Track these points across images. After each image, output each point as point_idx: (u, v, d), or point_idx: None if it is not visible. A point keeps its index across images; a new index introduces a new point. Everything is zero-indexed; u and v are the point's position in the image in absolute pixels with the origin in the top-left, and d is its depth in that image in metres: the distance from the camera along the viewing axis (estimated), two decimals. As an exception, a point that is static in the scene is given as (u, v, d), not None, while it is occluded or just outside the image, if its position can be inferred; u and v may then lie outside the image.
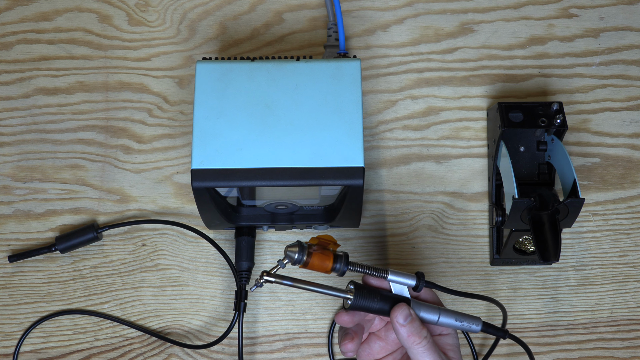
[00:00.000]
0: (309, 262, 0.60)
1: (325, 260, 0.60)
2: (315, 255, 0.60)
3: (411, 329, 0.59)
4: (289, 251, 0.60)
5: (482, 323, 0.63)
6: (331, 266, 0.60)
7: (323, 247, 0.61)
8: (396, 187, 0.81)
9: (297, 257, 0.60)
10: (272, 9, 0.85)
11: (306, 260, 0.60)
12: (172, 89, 0.83)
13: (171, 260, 0.80)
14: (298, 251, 0.60)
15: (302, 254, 0.60)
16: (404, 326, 0.59)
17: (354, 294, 0.60)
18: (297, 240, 0.60)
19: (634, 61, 0.84)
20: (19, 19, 0.85)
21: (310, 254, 0.60)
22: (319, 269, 0.60)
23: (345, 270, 0.61)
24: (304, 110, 0.68)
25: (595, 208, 0.81)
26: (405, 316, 0.60)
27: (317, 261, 0.60)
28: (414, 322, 0.60)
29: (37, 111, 0.83)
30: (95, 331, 0.78)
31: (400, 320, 0.60)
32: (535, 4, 0.85)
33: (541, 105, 0.75)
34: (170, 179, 0.81)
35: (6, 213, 0.80)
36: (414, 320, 0.60)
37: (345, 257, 0.61)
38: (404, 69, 0.84)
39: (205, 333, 0.78)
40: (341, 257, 0.61)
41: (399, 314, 0.60)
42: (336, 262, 0.61)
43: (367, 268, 0.62)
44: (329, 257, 0.60)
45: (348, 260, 0.61)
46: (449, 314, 0.62)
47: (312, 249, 0.60)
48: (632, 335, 0.78)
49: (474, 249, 0.80)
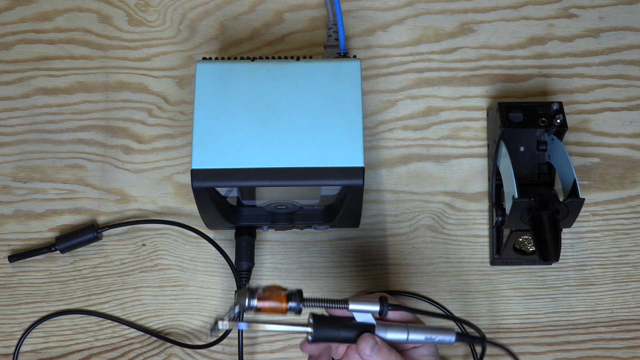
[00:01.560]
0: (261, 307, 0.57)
1: (278, 300, 0.58)
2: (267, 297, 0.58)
3: (379, 358, 0.58)
4: (239, 297, 0.58)
5: (456, 334, 0.60)
6: (286, 306, 0.58)
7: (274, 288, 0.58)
8: (396, 187, 0.81)
9: (248, 303, 0.57)
10: (272, 9, 0.85)
11: (258, 305, 0.57)
12: (172, 89, 0.83)
13: (171, 260, 0.80)
14: (248, 296, 0.57)
15: (252, 298, 0.57)
16: (372, 357, 0.58)
17: (314, 327, 0.58)
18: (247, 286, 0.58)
19: (634, 61, 0.84)
20: (19, 19, 0.85)
21: (261, 297, 0.57)
22: (274, 311, 0.58)
23: (301, 308, 0.58)
24: (304, 110, 0.68)
25: (595, 208, 0.81)
26: (371, 347, 0.58)
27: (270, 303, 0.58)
28: (381, 351, 0.58)
29: (37, 111, 0.83)
30: (95, 331, 0.78)
31: (367, 352, 0.58)
32: (535, 4, 0.85)
33: (541, 105, 0.75)
34: (170, 179, 0.81)
35: (6, 213, 0.80)
36: (381, 349, 0.58)
37: (299, 294, 0.58)
38: (404, 69, 0.84)
39: (205, 333, 0.78)
40: (295, 294, 0.58)
41: (365, 346, 0.58)
42: (290, 300, 0.58)
43: (325, 302, 0.59)
44: (282, 297, 0.58)
45: (302, 296, 0.58)
46: (419, 330, 0.60)
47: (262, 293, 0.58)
48: (632, 335, 0.78)
49: (474, 249, 0.80)
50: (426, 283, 0.79)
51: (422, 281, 0.79)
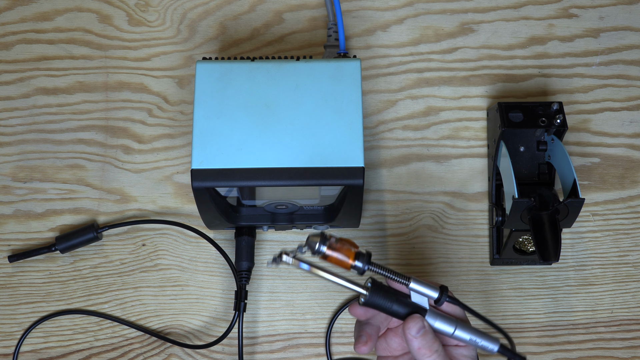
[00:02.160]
0: (328, 255, 0.57)
1: (346, 255, 0.57)
2: (337, 248, 0.57)
3: (422, 342, 0.57)
4: (311, 240, 0.57)
5: (500, 345, 0.60)
6: (351, 263, 0.57)
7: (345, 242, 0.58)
8: (396, 187, 0.81)
9: (318, 247, 0.57)
10: (272, 9, 0.85)
11: (326, 252, 0.57)
12: (172, 89, 0.83)
13: (171, 260, 0.80)
14: (320, 241, 0.57)
15: (323, 244, 0.57)
16: (416, 338, 0.57)
17: (370, 291, 0.58)
18: (322, 231, 0.58)
19: (634, 61, 0.84)
20: (19, 19, 0.85)
21: (332, 246, 0.57)
22: (338, 263, 0.57)
23: (365, 270, 0.58)
24: (304, 110, 0.68)
25: (595, 208, 0.81)
26: (418, 329, 0.58)
27: (338, 254, 0.57)
28: (426, 335, 0.58)
29: (37, 111, 0.83)
30: (95, 331, 0.78)
31: (413, 333, 0.58)
32: (535, 4, 0.85)
33: (541, 105, 0.75)
34: (170, 179, 0.81)
35: (6, 213, 0.80)
36: (426, 333, 0.58)
37: (368, 256, 0.58)
38: (404, 69, 0.84)
39: (205, 333, 0.78)
40: (363, 255, 0.58)
41: (412, 326, 0.58)
42: (357, 258, 0.57)
43: (389, 271, 0.59)
44: (351, 253, 0.57)
45: (370, 259, 0.58)
46: (467, 330, 0.59)
47: (334, 242, 0.57)
48: (632, 335, 0.78)
49: (474, 249, 0.80)
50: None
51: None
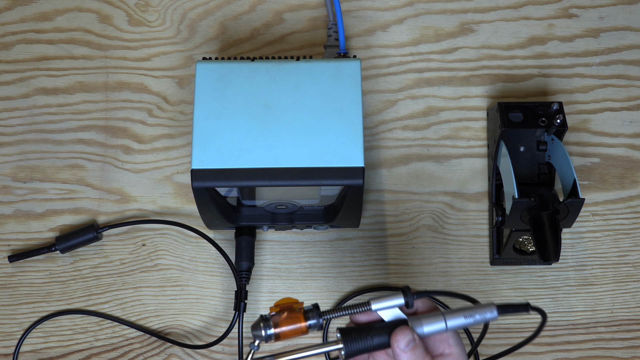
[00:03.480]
0: (280, 333, 0.53)
1: (295, 322, 0.53)
2: (283, 322, 0.53)
3: (412, 357, 0.53)
4: (255, 331, 0.53)
5: (497, 307, 0.54)
6: (305, 325, 0.54)
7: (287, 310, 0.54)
8: (396, 187, 0.81)
9: (265, 334, 0.53)
10: (272, 9, 0.85)
11: (276, 332, 0.53)
12: (172, 89, 0.83)
13: (171, 260, 0.80)
14: (263, 327, 0.53)
15: (268, 327, 0.53)
16: (406, 352, 0.53)
17: (343, 342, 0.53)
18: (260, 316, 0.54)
19: (634, 61, 0.84)
20: (19, 19, 0.85)
21: (277, 324, 0.53)
22: (294, 334, 0.53)
23: (322, 323, 0.54)
24: (304, 110, 0.68)
25: (595, 208, 0.81)
26: (407, 342, 0.53)
27: (289, 327, 0.53)
28: (416, 349, 0.53)
29: (37, 111, 0.83)
30: (95, 331, 0.78)
31: (402, 346, 0.53)
32: (535, 4, 0.85)
33: (541, 105, 0.75)
34: (170, 179, 0.81)
35: (6, 213, 0.80)
36: (416, 347, 0.53)
37: (316, 309, 0.54)
38: (404, 69, 0.84)
39: (205, 333, 0.78)
40: (311, 310, 0.54)
41: (400, 339, 0.53)
42: (308, 319, 0.54)
43: (344, 309, 0.54)
44: (299, 317, 0.54)
45: (319, 310, 0.54)
46: (456, 314, 0.54)
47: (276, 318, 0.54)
48: (632, 335, 0.78)
49: (474, 249, 0.80)
50: (426, 283, 0.79)
51: (422, 281, 0.79)
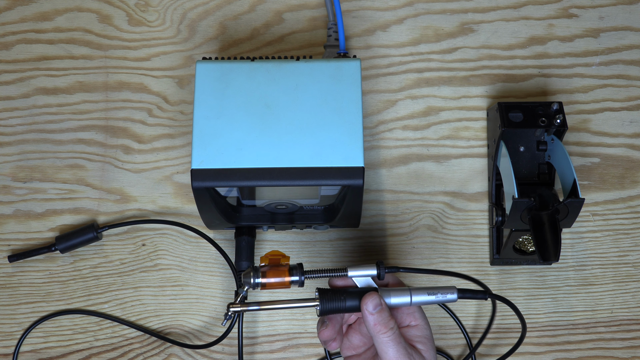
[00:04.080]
0: (266, 283, 0.61)
1: (280, 275, 0.62)
2: (270, 274, 0.62)
3: (379, 318, 0.60)
4: (244, 278, 0.62)
5: (457, 290, 0.63)
6: (288, 280, 0.62)
7: (275, 265, 0.62)
8: (396, 187, 0.81)
9: (253, 282, 0.61)
10: (272, 9, 0.85)
11: (262, 281, 0.61)
12: (172, 89, 0.83)
13: (171, 260, 0.80)
14: (252, 275, 0.61)
15: (257, 276, 0.61)
16: (372, 314, 0.60)
17: (320, 299, 0.61)
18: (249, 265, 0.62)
19: (634, 61, 0.84)
20: (19, 19, 0.85)
21: (264, 274, 0.61)
22: (278, 286, 0.62)
23: (303, 280, 0.62)
24: (304, 110, 0.68)
25: (595, 208, 0.81)
26: (375, 305, 0.60)
27: (274, 279, 0.61)
28: (382, 312, 0.60)
29: (37, 111, 0.83)
30: (95, 331, 0.78)
31: (370, 309, 0.60)
32: (535, 4, 0.85)
33: (541, 105, 0.75)
34: (170, 179, 0.81)
35: (6, 213, 0.80)
36: (382, 310, 0.60)
37: (300, 267, 0.62)
38: (404, 69, 0.84)
39: (205, 333, 0.78)
40: (296, 268, 0.62)
41: (369, 302, 0.60)
42: (292, 274, 0.62)
43: (324, 271, 0.62)
44: (284, 272, 0.62)
45: (303, 269, 0.62)
46: (421, 291, 0.62)
47: (265, 269, 0.62)
48: (632, 335, 0.78)
49: (474, 249, 0.80)
50: (426, 283, 0.79)
51: (422, 281, 0.79)
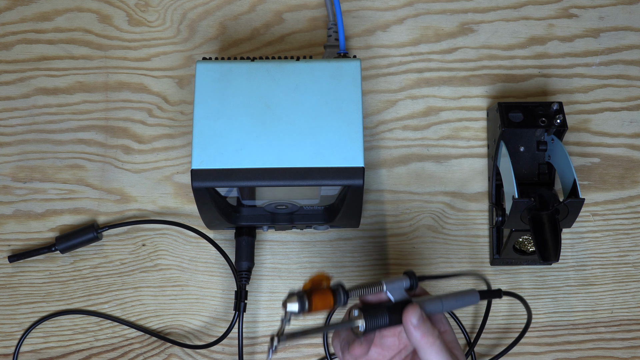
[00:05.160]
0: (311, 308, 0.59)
1: (326, 299, 0.59)
2: (316, 298, 0.59)
3: (424, 330, 0.59)
4: (290, 304, 0.58)
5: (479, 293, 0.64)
6: (333, 302, 0.59)
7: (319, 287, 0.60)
8: (396, 187, 0.81)
9: (299, 309, 0.58)
10: (272, 9, 0.85)
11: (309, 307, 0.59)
12: (172, 89, 0.83)
13: (171, 260, 0.80)
14: (298, 302, 0.58)
15: (304, 303, 0.58)
16: (418, 328, 0.59)
17: (364, 318, 0.60)
18: (291, 291, 0.59)
19: (634, 61, 0.84)
20: (19, 19, 0.85)
21: (310, 300, 0.59)
22: (322, 309, 0.59)
23: (347, 300, 0.60)
24: (304, 110, 0.68)
25: (595, 208, 0.81)
26: (418, 317, 0.59)
27: (320, 303, 0.59)
28: (426, 323, 0.59)
29: (37, 111, 0.83)
30: (95, 331, 0.78)
31: (414, 322, 0.59)
32: (535, 4, 0.85)
33: (541, 105, 0.75)
34: (170, 179, 0.81)
35: (6, 213, 0.80)
36: (426, 321, 0.59)
37: (342, 288, 0.60)
38: (404, 69, 0.84)
39: (205, 333, 0.78)
40: (339, 289, 0.60)
41: (412, 316, 0.59)
42: (336, 295, 0.60)
43: (363, 288, 0.61)
44: (329, 294, 0.59)
45: (345, 289, 0.60)
46: (449, 298, 0.62)
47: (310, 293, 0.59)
48: (632, 335, 0.78)
49: (474, 249, 0.80)
50: (426, 283, 0.79)
51: (422, 281, 0.79)
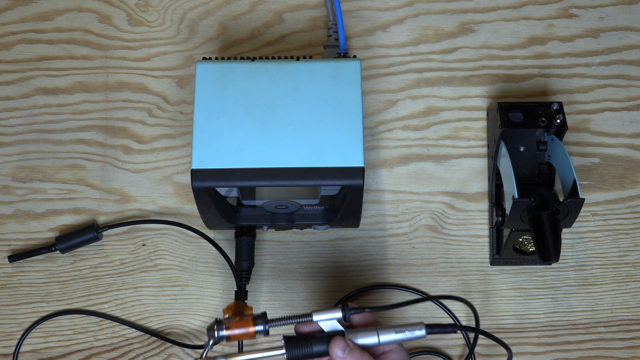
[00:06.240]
0: (231, 335, 0.59)
1: (245, 327, 0.60)
2: (234, 325, 0.60)
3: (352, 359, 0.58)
4: (208, 332, 0.60)
5: (425, 326, 0.61)
6: (253, 330, 0.60)
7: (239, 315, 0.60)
8: (396, 187, 0.81)
9: (217, 335, 0.59)
10: (272, 9, 0.85)
11: (227, 334, 0.59)
12: (172, 89, 0.83)
13: (171, 260, 0.80)
14: (216, 329, 0.59)
15: (220, 330, 0.59)
16: (345, 358, 0.58)
17: (285, 347, 0.60)
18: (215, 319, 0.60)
19: (634, 61, 0.84)
20: (19, 19, 0.85)
21: (228, 327, 0.59)
22: (244, 337, 0.60)
23: (268, 329, 0.60)
24: (303, 110, 0.68)
25: (595, 208, 0.81)
26: (342, 348, 0.58)
27: (238, 330, 0.60)
28: (353, 352, 0.58)
29: (37, 111, 0.83)
30: (95, 331, 0.78)
31: (339, 354, 0.58)
32: (535, 4, 0.85)
33: (541, 105, 0.75)
34: (170, 179, 0.81)
35: (6, 213, 0.80)
36: (352, 350, 0.58)
37: (264, 316, 0.60)
38: (404, 69, 0.84)
39: (205, 333, 0.78)
40: (260, 317, 0.60)
41: (336, 348, 0.58)
42: (256, 324, 0.60)
43: (289, 318, 0.61)
44: (248, 323, 0.60)
45: (266, 318, 0.60)
46: (388, 330, 0.61)
47: (228, 321, 0.60)
48: (632, 335, 0.78)
49: (474, 249, 0.80)
50: (426, 283, 0.79)
51: (422, 281, 0.79)
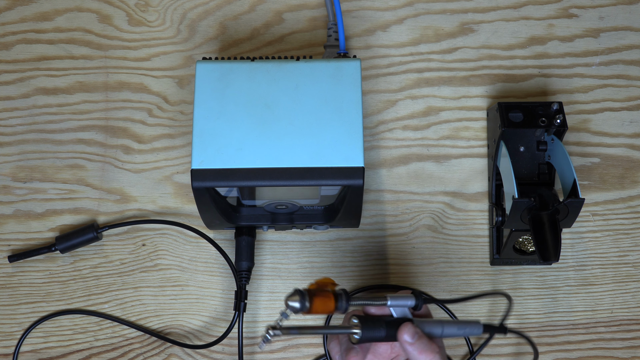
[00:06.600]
0: (312, 308, 0.58)
1: (327, 303, 0.59)
2: (317, 300, 0.59)
3: (421, 346, 0.60)
4: (291, 301, 0.58)
5: (482, 325, 0.63)
6: (334, 306, 0.59)
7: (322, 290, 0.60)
8: (396, 187, 0.81)
9: (300, 306, 0.58)
10: (272, 9, 0.85)
11: (309, 307, 0.58)
12: (172, 89, 0.83)
13: (171, 260, 0.80)
14: (300, 300, 0.58)
15: (304, 302, 0.58)
16: (414, 344, 0.60)
17: (361, 327, 0.60)
18: (295, 289, 0.59)
19: (634, 61, 0.84)
20: (19, 19, 0.85)
21: (312, 300, 0.58)
22: (322, 312, 0.59)
23: (348, 307, 0.60)
24: (303, 110, 0.68)
25: (595, 208, 0.81)
26: (412, 334, 0.60)
27: (320, 305, 0.59)
28: (422, 339, 0.60)
29: (37, 111, 0.83)
30: (95, 331, 0.78)
31: (408, 339, 0.60)
32: (535, 4, 0.85)
33: (541, 105, 0.75)
34: (170, 179, 0.81)
35: (6, 213, 0.80)
36: (421, 337, 0.60)
37: (346, 294, 0.60)
38: (404, 69, 0.84)
39: (205, 333, 0.78)
40: (341, 295, 0.60)
41: (405, 333, 0.60)
42: (338, 301, 0.59)
43: (367, 299, 0.61)
44: (331, 298, 0.59)
45: (348, 296, 0.60)
46: (451, 325, 0.62)
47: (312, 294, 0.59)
48: (632, 335, 0.78)
49: (474, 249, 0.80)
50: (426, 283, 0.79)
51: (422, 281, 0.79)
